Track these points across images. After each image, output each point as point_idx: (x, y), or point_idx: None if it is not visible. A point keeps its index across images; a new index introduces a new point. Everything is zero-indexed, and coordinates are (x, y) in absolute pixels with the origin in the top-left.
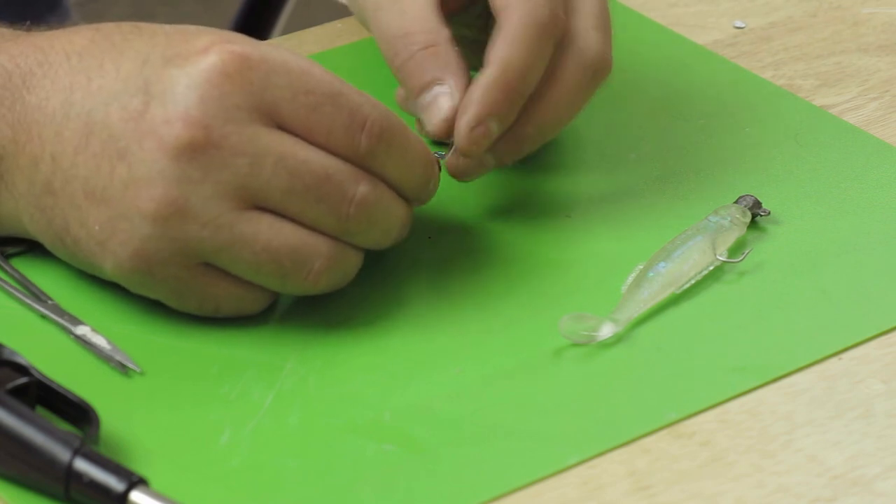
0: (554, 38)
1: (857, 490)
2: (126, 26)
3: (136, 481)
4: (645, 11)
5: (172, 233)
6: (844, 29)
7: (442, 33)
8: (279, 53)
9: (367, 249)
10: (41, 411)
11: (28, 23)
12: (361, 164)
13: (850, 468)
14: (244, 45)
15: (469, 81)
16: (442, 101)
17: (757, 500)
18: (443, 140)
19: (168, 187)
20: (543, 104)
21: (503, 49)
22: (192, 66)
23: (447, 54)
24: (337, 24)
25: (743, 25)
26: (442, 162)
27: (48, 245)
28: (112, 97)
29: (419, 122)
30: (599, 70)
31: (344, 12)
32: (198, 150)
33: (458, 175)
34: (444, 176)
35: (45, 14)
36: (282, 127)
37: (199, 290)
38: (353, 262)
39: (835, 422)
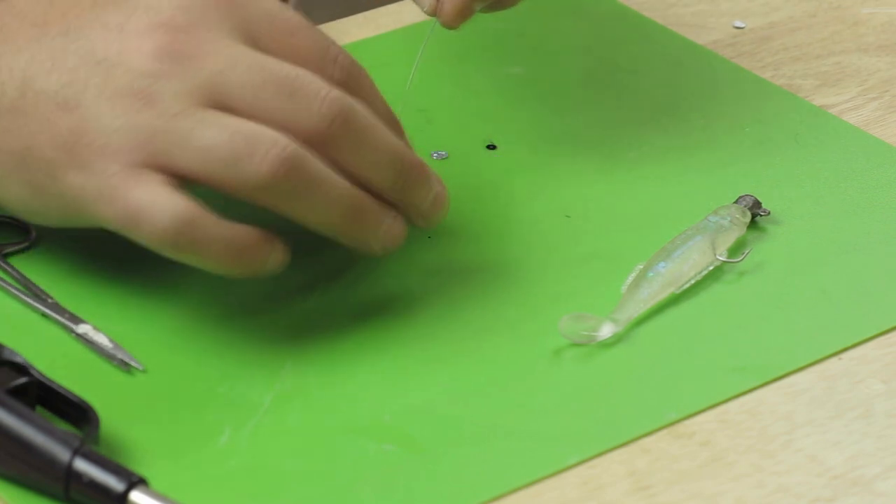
0: None
1: (857, 490)
2: None
3: (135, 481)
4: (645, 11)
5: (135, 125)
6: (844, 29)
7: None
8: None
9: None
10: (41, 411)
11: None
12: None
13: (850, 468)
14: None
15: None
16: None
17: (757, 500)
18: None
19: (141, 82)
20: None
21: None
22: None
23: None
24: (337, 25)
25: (743, 25)
26: None
27: (1, 173)
28: (91, 19)
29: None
30: None
31: (346, 12)
32: (174, 52)
33: (447, 24)
34: (443, 177)
35: None
36: (258, 48)
37: (132, 191)
38: (326, 174)
39: (835, 422)
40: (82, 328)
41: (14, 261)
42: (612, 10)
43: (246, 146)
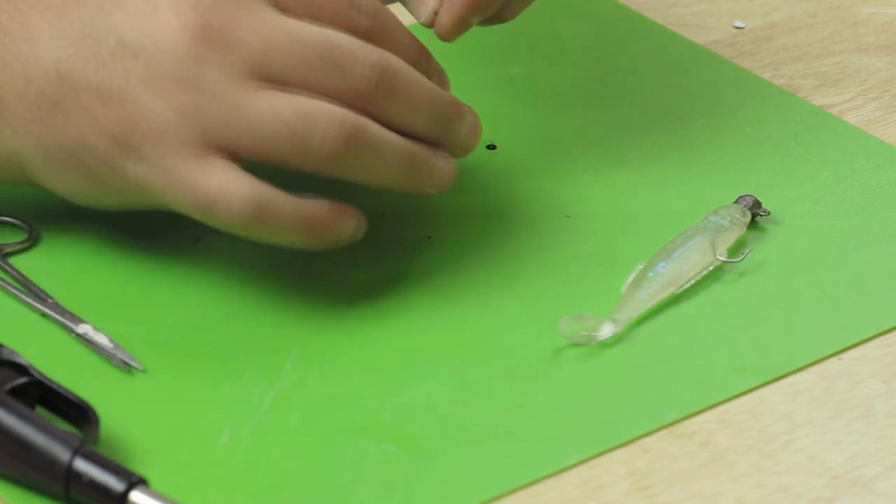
0: None
1: (857, 490)
2: None
3: (135, 481)
4: (645, 11)
5: (190, 114)
6: (844, 29)
7: None
8: None
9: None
10: (41, 411)
11: None
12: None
13: (850, 468)
14: None
15: None
16: None
17: (757, 500)
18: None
19: (187, 71)
20: None
21: None
22: None
23: None
24: None
25: (743, 25)
26: None
27: (54, 172)
28: (112, 6)
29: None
30: None
31: None
32: (212, 33)
33: (443, 37)
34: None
35: None
36: (286, 12)
37: (203, 179)
38: (383, 137)
39: (835, 422)
40: (82, 328)
41: (14, 261)
42: (612, 10)
43: (305, 124)
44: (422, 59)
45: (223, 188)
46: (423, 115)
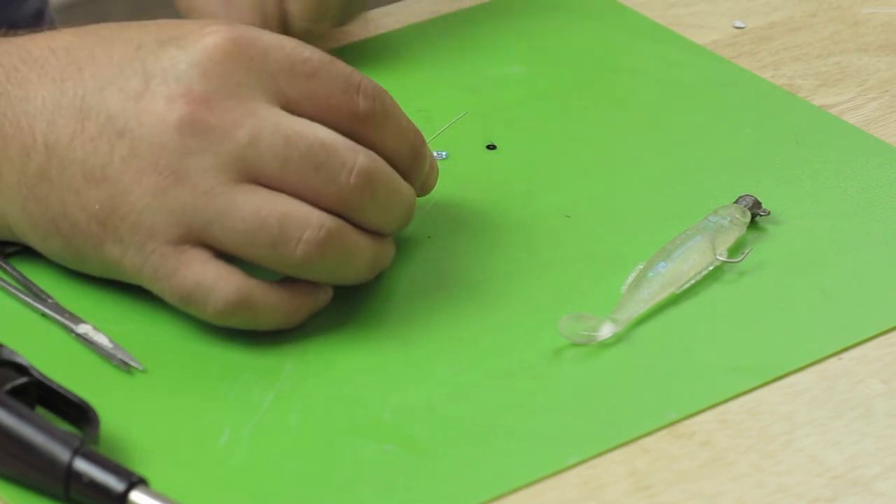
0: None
1: (857, 490)
2: (109, 24)
3: (135, 481)
4: (645, 11)
5: (169, 203)
6: (844, 29)
7: None
8: (271, 34)
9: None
10: (41, 411)
11: (4, 29)
12: (362, 128)
13: (850, 468)
14: (239, 27)
15: None
16: None
17: (757, 500)
18: None
19: (169, 158)
20: None
21: None
22: (193, 45)
23: None
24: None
25: (743, 25)
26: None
27: (39, 237)
28: (107, 82)
29: None
30: None
31: None
32: (199, 123)
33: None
34: (443, 177)
35: (30, 23)
36: (282, 99)
37: (180, 271)
38: (356, 242)
39: (835, 422)
40: (82, 328)
41: (14, 261)
42: (612, 10)
43: (281, 227)
44: (417, 145)
45: (200, 283)
46: (395, 219)
